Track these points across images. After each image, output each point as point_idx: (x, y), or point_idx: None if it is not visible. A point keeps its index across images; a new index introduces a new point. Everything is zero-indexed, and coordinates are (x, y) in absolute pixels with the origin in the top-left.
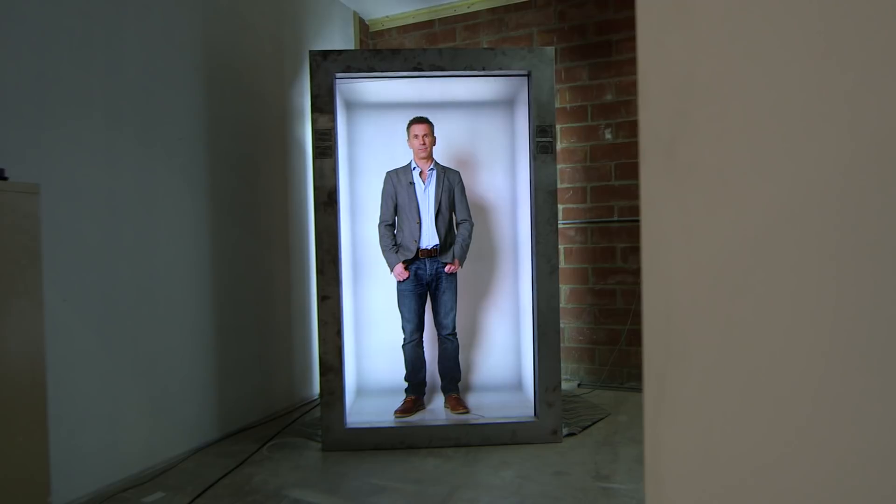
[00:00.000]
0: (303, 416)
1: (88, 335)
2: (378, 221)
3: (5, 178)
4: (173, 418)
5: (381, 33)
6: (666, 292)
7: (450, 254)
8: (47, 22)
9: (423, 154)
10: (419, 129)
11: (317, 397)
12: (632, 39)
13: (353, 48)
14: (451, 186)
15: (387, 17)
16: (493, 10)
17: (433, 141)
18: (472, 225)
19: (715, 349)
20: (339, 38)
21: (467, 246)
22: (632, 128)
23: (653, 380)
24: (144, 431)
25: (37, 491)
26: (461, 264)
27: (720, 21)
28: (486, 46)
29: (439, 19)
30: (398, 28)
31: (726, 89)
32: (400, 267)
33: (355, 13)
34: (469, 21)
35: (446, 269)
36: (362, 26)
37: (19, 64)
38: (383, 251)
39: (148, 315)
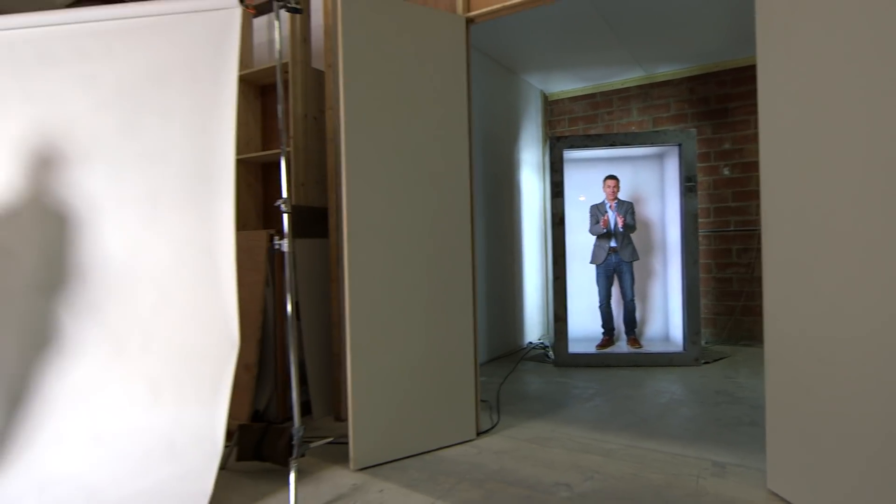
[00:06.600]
0: (526, 353)
1: None
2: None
3: None
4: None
5: (557, 102)
6: (781, 266)
7: (627, 251)
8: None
9: (612, 197)
10: (611, 183)
11: (526, 345)
12: (742, 107)
13: (540, 112)
14: (627, 210)
15: (562, 91)
16: (640, 86)
17: (619, 189)
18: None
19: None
20: (533, 107)
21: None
22: (743, 167)
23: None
24: None
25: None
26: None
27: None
28: (635, 111)
29: (600, 92)
30: (570, 98)
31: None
32: (600, 224)
33: (541, 91)
34: (622, 94)
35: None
36: (545, 98)
37: None
38: (591, 228)
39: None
